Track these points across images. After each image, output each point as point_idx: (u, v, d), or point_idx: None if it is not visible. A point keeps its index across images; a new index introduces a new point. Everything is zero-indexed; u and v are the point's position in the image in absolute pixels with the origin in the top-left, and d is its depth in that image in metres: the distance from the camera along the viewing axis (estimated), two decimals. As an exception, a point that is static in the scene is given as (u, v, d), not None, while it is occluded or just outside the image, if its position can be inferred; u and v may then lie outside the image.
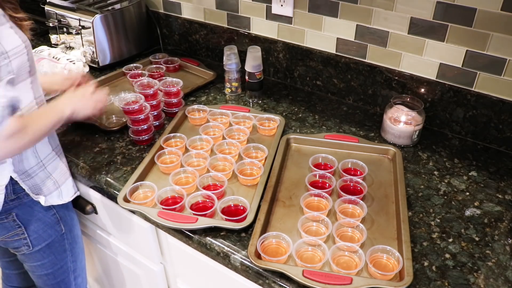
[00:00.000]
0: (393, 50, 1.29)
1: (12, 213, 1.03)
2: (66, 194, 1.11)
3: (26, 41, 0.95)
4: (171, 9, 1.74)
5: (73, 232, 1.18)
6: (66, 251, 1.17)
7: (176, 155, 1.16)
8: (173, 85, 1.35)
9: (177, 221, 0.95)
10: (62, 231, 1.14)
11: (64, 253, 1.17)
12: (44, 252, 1.12)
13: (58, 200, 1.09)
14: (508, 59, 1.12)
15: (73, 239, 1.19)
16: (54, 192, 1.08)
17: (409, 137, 1.21)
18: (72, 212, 1.19)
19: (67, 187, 1.12)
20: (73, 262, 1.21)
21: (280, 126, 1.27)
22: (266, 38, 1.53)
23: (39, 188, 1.04)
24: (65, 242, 1.16)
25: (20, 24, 0.96)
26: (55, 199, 1.08)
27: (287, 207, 1.02)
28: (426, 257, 0.90)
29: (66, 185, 1.11)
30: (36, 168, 1.03)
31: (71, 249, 1.19)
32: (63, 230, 1.14)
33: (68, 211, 1.16)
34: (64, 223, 1.14)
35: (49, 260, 1.15)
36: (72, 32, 1.61)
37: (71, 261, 1.20)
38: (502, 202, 1.04)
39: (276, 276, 0.85)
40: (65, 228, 1.14)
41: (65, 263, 1.19)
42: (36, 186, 1.03)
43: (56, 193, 1.09)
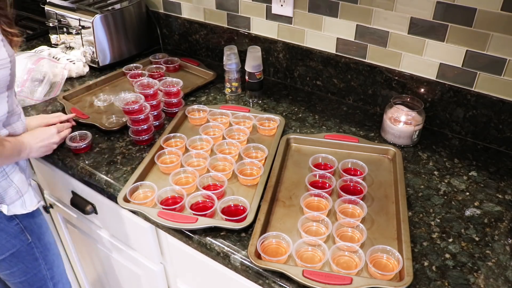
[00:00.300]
0: (393, 50, 1.29)
1: None
2: (29, 203, 1.08)
3: (12, 56, 0.95)
4: (171, 9, 1.74)
5: (43, 240, 1.16)
6: (37, 260, 1.16)
7: (176, 155, 1.16)
8: (173, 85, 1.35)
9: (177, 221, 0.95)
10: (28, 240, 1.12)
11: (35, 261, 1.15)
12: (10, 261, 1.11)
13: (21, 209, 1.06)
14: (508, 59, 1.12)
15: (44, 246, 1.17)
16: (17, 202, 1.05)
17: (409, 137, 1.21)
18: (40, 219, 1.16)
19: (29, 196, 1.09)
20: (49, 269, 1.19)
21: (280, 126, 1.27)
22: (266, 38, 1.53)
23: (1, 197, 1.02)
24: (34, 250, 1.14)
25: (11, 39, 0.96)
26: (19, 208, 1.06)
27: (287, 207, 1.02)
28: (426, 257, 0.90)
29: (29, 194, 1.08)
30: None
31: (44, 257, 1.17)
32: (30, 239, 1.12)
33: (34, 219, 1.13)
34: (30, 232, 1.12)
35: (18, 269, 1.13)
36: (72, 32, 1.61)
37: (46, 268, 1.19)
38: (502, 202, 1.04)
39: (276, 276, 0.85)
40: (31, 237, 1.12)
41: (39, 271, 1.17)
42: None
43: (19, 202, 1.06)
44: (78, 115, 1.31)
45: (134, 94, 1.25)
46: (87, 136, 1.20)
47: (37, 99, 1.41)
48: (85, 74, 1.60)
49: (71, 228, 1.49)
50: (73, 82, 1.55)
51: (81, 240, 1.48)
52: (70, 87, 1.50)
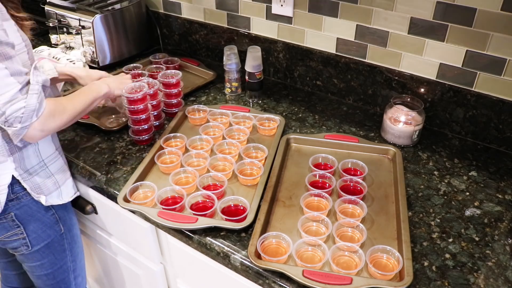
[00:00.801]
0: (393, 50, 1.29)
1: (11, 213, 1.03)
2: (65, 194, 1.11)
3: (26, 40, 0.96)
4: (171, 9, 1.74)
5: (72, 232, 1.18)
6: (65, 251, 1.17)
7: (176, 155, 1.16)
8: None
9: (177, 221, 0.95)
10: (61, 231, 1.14)
11: (63, 252, 1.17)
12: (43, 252, 1.12)
13: (57, 200, 1.09)
14: (508, 59, 1.12)
15: (72, 238, 1.19)
16: (54, 192, 1.08)
17: (409, 137, 1.21)
18: (71, 212, 1.19)
19: (67, 187, 1.12)
20: (73, 261, 1.21)
21: (280, 126, 1.27)
22: (266, 38, 1.53)
23: (39, 187, 1.04)
24: (64, 242, 1.16)
25: (22, 23, 0.96)
26: (55, 199, 1.08)
27: (287, 207, 1.02)
28: (426, 257, 0.90)
29: (66, 186, 1.12)
30: (37, 167, 1.03)
31: (71, 249, 1.19)
32: (62, 230, 1.14)
33: (67, 211, 1.16)
34: (63, 223, 1.14)
35: (48, 260, 1.15)
36: (72, 32, 1.61)
37: (71, 260, 1.20)
38: (502, 202, 1.04)
39: (276, 276, 0.85)
40: (64, 228, 1.14)
41: (65, 263, 1.19)
42: (36, 186, 1.04)
43: (56, 193, 1.09)
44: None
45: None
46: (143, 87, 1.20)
47: (37, 99, 1.41)
48: (85, 74, 1.60)
49: (71, 228, 1.49)
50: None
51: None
52: (70, 87, 1.50)
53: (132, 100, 1.17)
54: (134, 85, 1.21)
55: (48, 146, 1.06)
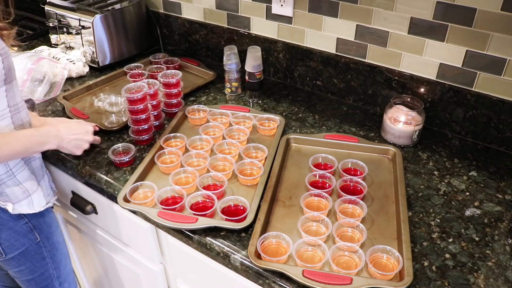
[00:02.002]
0: (393, 50, 1.29)
1: None
2: (37, 204, 1.08)
3: (3, 49, 0.93)
4: (171, 9, 1.74)
5: (51, 239, 1.16)
6: (45, 259, 1.16)
7: (176, 155, 1.16)
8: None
9: (177, 221, 0.95)
10: (37, 240, 1.12)
11: (43, 260, 1.15)
12: (18, 259, 1.11)
13: (28, 209, 1.06)
14: (508, 59, 1.12)
15: (53, 246, 1.17)
16: (24, 201, 1.05)
17: (409, 137, 1.21)
18: (49, 218, 1.16)
19: (38, 196, 1.08)
20: (56, 269, 1.20)
21: (280, 126, 1.27)
22: (266, 38, 1.53)
23: (7, 195, 1.02)
24: (42, 250, 1.14)
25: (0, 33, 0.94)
26: (25, 207, 1.06)
27: (287, 207, 1.02)
28: (426, 257, 0.90)
29: (37, 194, 1.08)
30: (4, 176, 1.01)
31: (51, 256, 1.17)
32: (38, 239, 1.12)
33: (43, 218, 1.13)
34: (38, 231, 1.12)
35: (26, 267, 1.13)
36: (72, 32, 1.61)
37: (53, 268, 1.19)
38: (502, 202, 1.04)
39: (276, 276, 0.85)
40: (40, 236, 1.12)
41: (46, 270, 1.17)
42: (4, 194, 1.02)
43: (26, 202, 1.06)
44: (78, 115, 1.31)
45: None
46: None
47: (37, 99, 1.41)
48: (85, 74, 1.60)
49: (71, 228, 1.49)
50: (73, 82, 1.55)
51: (81, 240, 1.48)
52: (70, 87, 1.50)
53: (132, 100, 1.17)
54: (134, 85, 1.21)
55: None
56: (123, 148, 1.18)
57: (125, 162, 1.14)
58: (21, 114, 1.02)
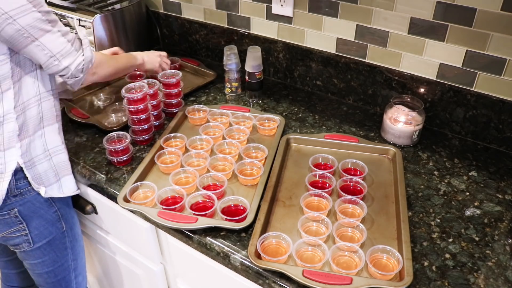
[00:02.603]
0: (393, 50, 1.29)
1: (14, 209, 1.03)
2: (66, 188, 1.11)
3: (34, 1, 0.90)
4: (171, 9, 1.74)
5: (74, 230, 1.19)
6: (67, 249, 1.17)
7: (176, 155, 1.16)
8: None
9: (177, 221, 0.95)
10: (63, 229, 1.14)
11: (65, 250, 1.17)
12: (44, 249, 1.12)
13: (58, 192, 1.09)
14: (508, 59, 1.12)
15: (74, 237, 1.19)
16: (54, 184, 1.08)
17: (409, 137, 1.21)
18: (73, 210, 1.19)
19: (67, 181, 1.12)
20: (74, 260, 1.21)
21: (280, 126, 1.27)
22: (266, 38, 1.53)
23: (40, 178, 1.04)
24: (66, 240, 1.16)
25: None
26: (55, 191, 1.08)
27: (287, 207, 1.02)
28: (426, 257, 0.90)
29: (67, 180, 1.11)
30: (42, 157, 1.04)
31: (72, 247, 1.19)
32: (64, 228, 1.14)
33: (69, 208, 1.16)
34: (65, 220, 1.14)
35: (49, 258, 1.15)
36: (72, 32, 1.61)
37: (72, 259, 1.20)
38: (502, 202, 1.04)
39: (276, 276, 0.85)
40: (66, 226, 1.15)
41: (66, 261, 1.19)
42: (38, 176, 1.04)
43: (56, 186, 1.09)
44: (78, 115, 1.31)
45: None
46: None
47: (37, 99, 1.41)
48: (85, 74, 1.60)
49: (71, 228, 1.49)
50: (73, 82, 1.55)
51: (81, 240, 1.48)
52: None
53: (132, 100, 1.17)
54: (134, 85, 1.21)
55: (55, 137, 1.07)
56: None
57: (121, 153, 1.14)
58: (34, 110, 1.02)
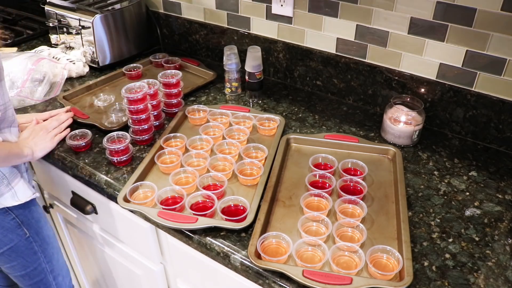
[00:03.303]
0: (393, 50, 1.29)
1: None
2: (21, 195, 1.08)
3: None
4: (171, 9, 1.74)
5: (41, 234, 1.16)
6: (36, 253, 1.16)
7: (176, 155, 1.16)
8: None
9: (177, 221, 0.95)
10: (26, 235, 1.12)
11: (34, 255, 1.16)
12: (9, 255, 1.11)
13: (12, 201, 1.06)
14: (508, 59, 1.12)
15: (43, 240, 1.17)
16: (7, 194, 1.05)
17: (409, 137, 1.21)
18: (37, 214, 1.16)
19: (20, 187, 1.08)
20: (48, 263, 1.20)
21: (280, 126, 1.27)
22: (266, 38, 1.53)
23: None
24: (33, 245, 1.14)
25: None
26: (9, 200, 1.06)
27: (287, 207, 1.02)
28: (426, 257, 0.90)
29: (20, 186, 1.08)
30: None
31: (43, 251, 1.17)
32: (27, 234, 1.12)
33: (31, 213, 1.13)
34: (27, 226, 1.12)
35: (18, 263, 1.14)
36: (72, 32, 1.61)
37: (45, 262, 1.19)
38: (502, 202, 1.04)
39: (276, 276, 0.85)
40: (29, 231, 1.12)
41: (39, 265, 1.18)
42: None
43: (10, 194, 1.06)
44: (78, 115, 1.31)
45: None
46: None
47: (37, 99, 1.41)
48: (85, 74, 1.60)
49: (71, 228, 1.49)
50: (73, 82, 1.55)
51: (81, 240, 1.48)
52: (70, 87, 1.50)
53: (132, 100, 1.17)
54: (134, 85, 1.21)
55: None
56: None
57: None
58: (8, 112, 1.03)
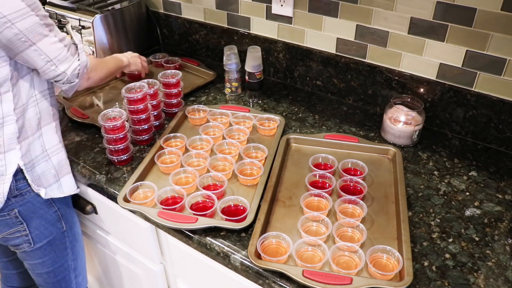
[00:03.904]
0: (393, 50, 1.29)
1: (14, 209, 1.03)
2: (66, 188, 1.11)
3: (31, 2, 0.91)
4: (171, 9, 1.74)
5: (73, 230, 1.19)
6: (67, 249, 1.17)
7: (176, 155, 1.16)
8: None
9: (177, 221, 0.95)
10: (63, 229, 1.14)
11: (65, 251, 1.17)
12: (45, 249, 1.12)
13: (58, 192, 1.09)
14: (508, 59, 1.12)
15: (74, 237, 1.19)
16: (54, 185, 1.08)
17: (409, 137, 1.21)
18: (73, 210, 1.19)
19: (67, 181, 1.11)
20: (74, 260, 1.21)
21: (280, 126, 1.27)
22: (266, 38, 1.53)
23: (40, 179, 1.04)
24: (66, 240, 1.16)
25: None
26: (55, 191, 1.08)
27: (287, 207, 1.02)
28: (426, 257, 0.90)
29: (66, 179, 1.11)
30: (40, 157, 1.04)
31: (72, 247, 1.19)
32: (64, 228, 1.14)
33: (69, 208, 1.16)
34: (65, 220, 1.14)
35: (49, 258, 1.15)
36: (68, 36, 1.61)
37: (72, 259, 1.20)
38: (502, 202, 1.04)
39: (276, 276, 0.85)
40: (66, 225, 1.15)
41: (66, 261, 1.19)
42: (37, 177, 1.04)
43: (56, 186, 1.09)
44: (78, 115, 1.31)
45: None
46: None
47: (37, 99, 1.41)
48: (85, 74, 1.60)
49: (71, 228, 1.49)
50: (73, 82, 1.55)
51: (81, 240, 1.48)
52: (70, 87, 1.50)
53: (132, 100, 1.17)
54: (134, 85, 1.21)
55: (52, 137, 1.07)
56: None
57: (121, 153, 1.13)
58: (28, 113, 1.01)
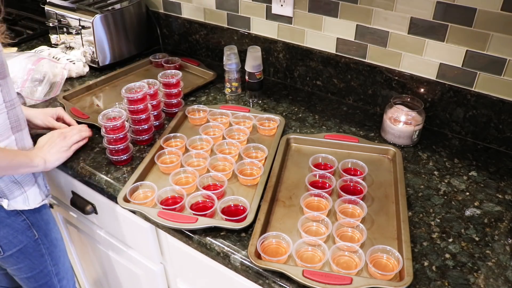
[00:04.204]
0: (393, 50, 1.29)
1: None
2: (32, 200, 1.08)
3: None
4: (171, 9, 1.74)
5: (49, 236, 1.16)
6: (43, 256, 1.16)
7: (176, 155, 1.16)
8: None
9: (177, 221, 0.95)
10: (35, 237, 1.12)
11: (41, 257, 1.15)
12: (17, 257, 1.11)
13: (23, 205, 1.06)
14: (508, 59, 1.12)
15: (51, 243, 1.17)
16: (19, 197, 1.05)
17: (409, 137, 1.21)
18: (47, 216, 1.16)
19: (32, 193, 1.08)
20: (54, 265, 1.20)
21: (280, 126, 1.27)
22: (266, 38, 1.53)
23: (2, 191, 1.02)
24: (41, 247, 1.14)
25: None
26: (20, 204, 1.05)
27: (287, 207, 1.02)
28: (426, 257, 0.90)
29: (32, 192, 1.08)
30: None
31: (50, 253, 1.17)
32: (37, 236, 1.12)
33: (41, 215, 1.13)
34: (36, 228, 1.12)
35: (25, 265, 1.13)
36: (72, 32, 1.61)
37: (52, 264, 1.19)
38: (502, 202, 1.04)
39: (276, 276, 0.85)
40: (38, 233, 1.12)
41: (45, 267, 1.17)
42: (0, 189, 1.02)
43: (21, 198, 1.05)
44: (78, 115, 1.31)
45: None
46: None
47: (37, 99, 1.41)
48: (85, 74, 1.60)
49: (71, 228, 1.49)
50: (73, 82, 1.55)
51: (81, 240, 1.48)
52: (70, 87, 1.50)
53: (132, 100, 1.17)
54: (134, 85, 1.21)
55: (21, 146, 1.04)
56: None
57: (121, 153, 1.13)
58: (16, 110, 1.02)
